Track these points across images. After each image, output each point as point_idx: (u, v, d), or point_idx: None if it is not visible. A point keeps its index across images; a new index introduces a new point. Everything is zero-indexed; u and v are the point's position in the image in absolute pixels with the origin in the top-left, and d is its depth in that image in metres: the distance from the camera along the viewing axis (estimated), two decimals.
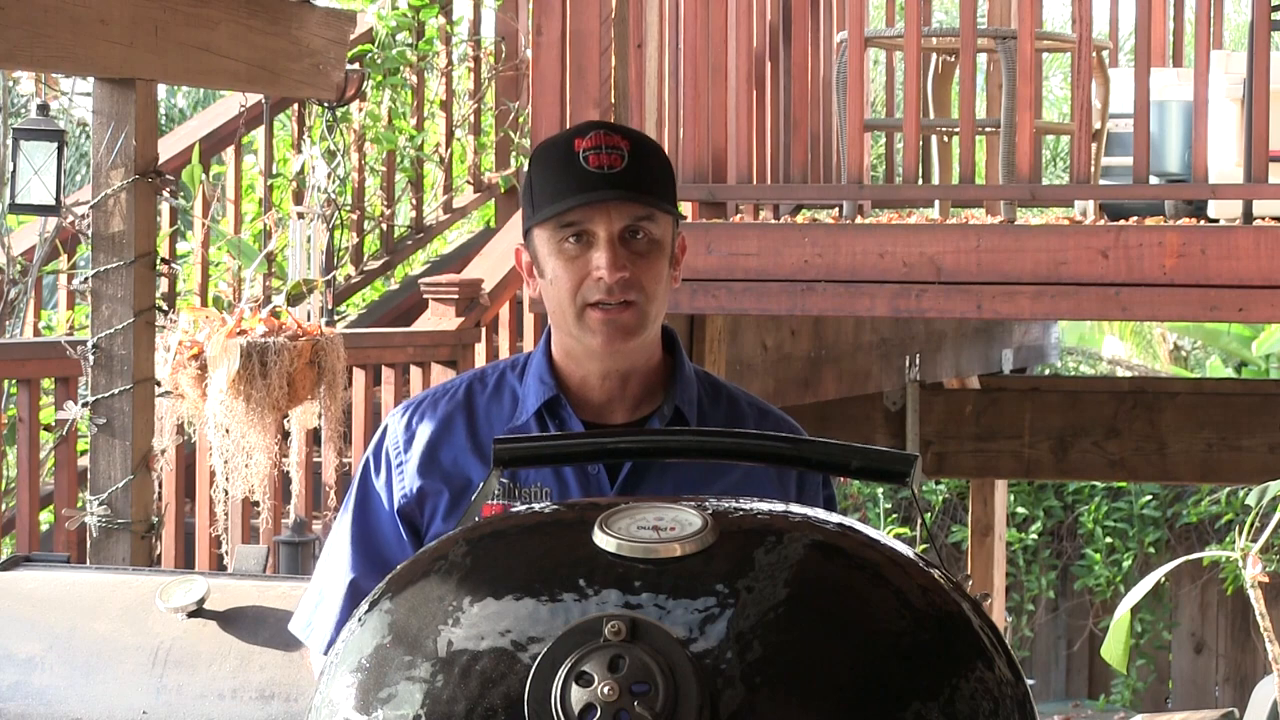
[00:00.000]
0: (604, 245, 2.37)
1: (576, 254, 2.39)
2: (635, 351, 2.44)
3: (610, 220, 2.37)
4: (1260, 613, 4.89)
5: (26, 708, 3.08)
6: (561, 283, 2.40)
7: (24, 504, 5.87)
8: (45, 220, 6.73)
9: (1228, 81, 5.98)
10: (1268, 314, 5.76)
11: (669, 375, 2.49)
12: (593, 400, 2.47)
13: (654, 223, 2.40)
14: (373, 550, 2.47)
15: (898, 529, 11.99)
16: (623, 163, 2.38)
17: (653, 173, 2.42)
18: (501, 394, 2.50)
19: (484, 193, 8.64)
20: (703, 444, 2.02)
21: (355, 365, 6.33)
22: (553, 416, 2.46)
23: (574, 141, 2.39)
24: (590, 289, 2.38)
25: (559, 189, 2.38)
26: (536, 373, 2.48)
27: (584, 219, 2.38)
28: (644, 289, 2.39)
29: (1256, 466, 7.95)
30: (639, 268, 2.38)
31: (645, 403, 2.48)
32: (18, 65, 6.19)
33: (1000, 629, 2.13)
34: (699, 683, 1.58)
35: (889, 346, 8.06)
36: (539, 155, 2.46)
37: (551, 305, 2.44)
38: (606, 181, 2.37)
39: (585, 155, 2.38)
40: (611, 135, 2.40)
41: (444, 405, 2.49)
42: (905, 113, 6.03)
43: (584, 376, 2.46)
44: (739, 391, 2.56)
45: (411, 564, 1.77)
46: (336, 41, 6.09)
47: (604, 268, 2.37)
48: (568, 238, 2.39)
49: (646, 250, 2.40)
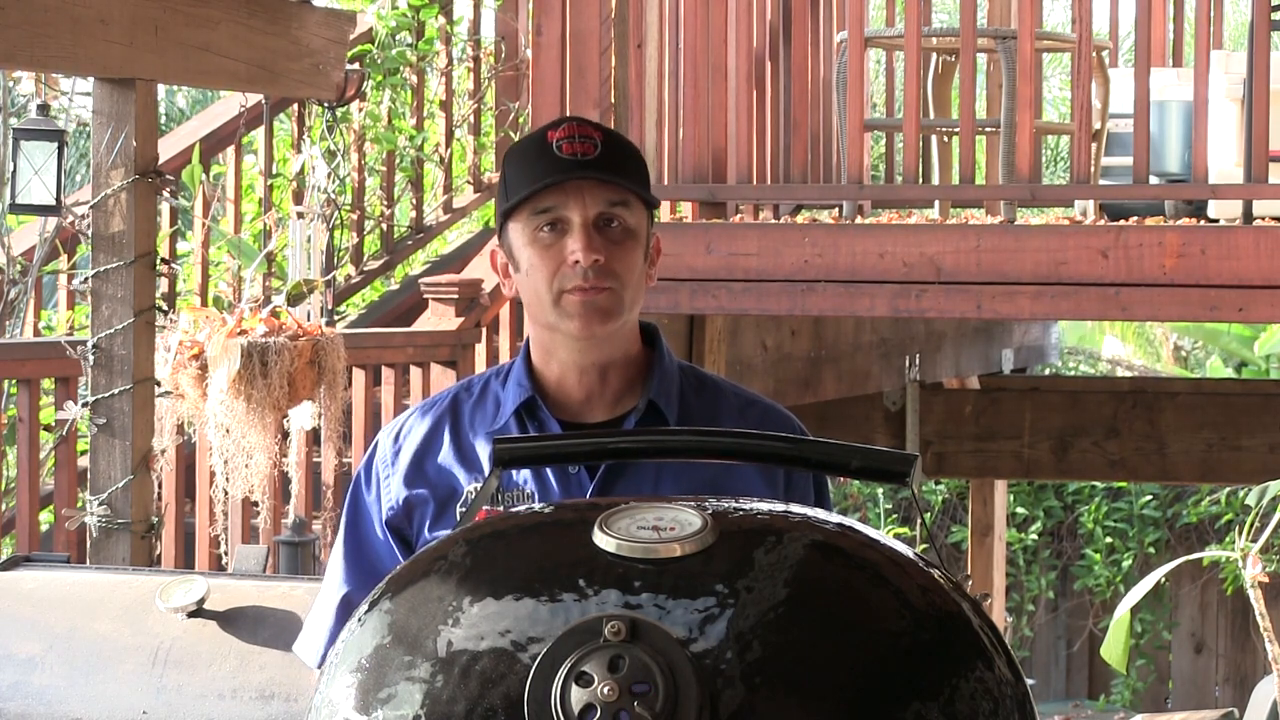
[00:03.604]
0: (578, 230, 2.37)
1: (551, 242, 2.39)
2: (612, 340, 2.43)
3: (584, 205, 2.38)
4: (1260, 613, 4.90)
5: (26, 708, 3.08)
6: (537, 271, 2.39)
7: (24, 504, 5.87)
8: (45, 220, 6.73)
9: (1228, 81, 5.98)
10: (1268, 314, 5.76)
11: (649, 370, 2.49)
12: (572, 399, 2.46)
13: (628, 210, 2.41)
14: (365, 564, 2.48)
15: (898, 529, 11.99)
16: (596, 150, 2.39)
17: (626, 161, 2.43)
18: (485, 400, 2.50)
19: (484, 193, 8.63)
20: (703, 443, 2.02)
21: (355, 365, 6.33)
22: (530, 418, 2.46)
23: (547, 134, 2.40)
24: (566, 275, 2.38)
25: (532, 177, 2.39)
26: (515, 376, 2.48)
27: (558, 204, 2.38)
28: (619, 276, 2.39)
29: (1256, 466, 7.95)
30: (613, 255, 2.38)
31: (625, 399, 2.47)
32: (18, 65, 6.19)
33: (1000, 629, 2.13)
34: (699, 683, 1.58)
35: (889, 346, 8.06)
36: (513, 151, 2.46)
37: (529, 297, 2.43)
38: (579, 166, 2.37)
39: (559, 144, 2.39)
40: (584, 126, 2.42)
41: (431, 416, 2.50)
42: (905, 113, 6.03)
43: (562, 373, 2.46)
44: (727, 384, 2.55)
45: (411, 564, 1.77)
46: (336, 41, 6.09)
47: (579, 250, 2.36)
48: (542, 226, 2.39)
49: (621, 239, 2.40)
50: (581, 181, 2.37)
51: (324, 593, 2.54)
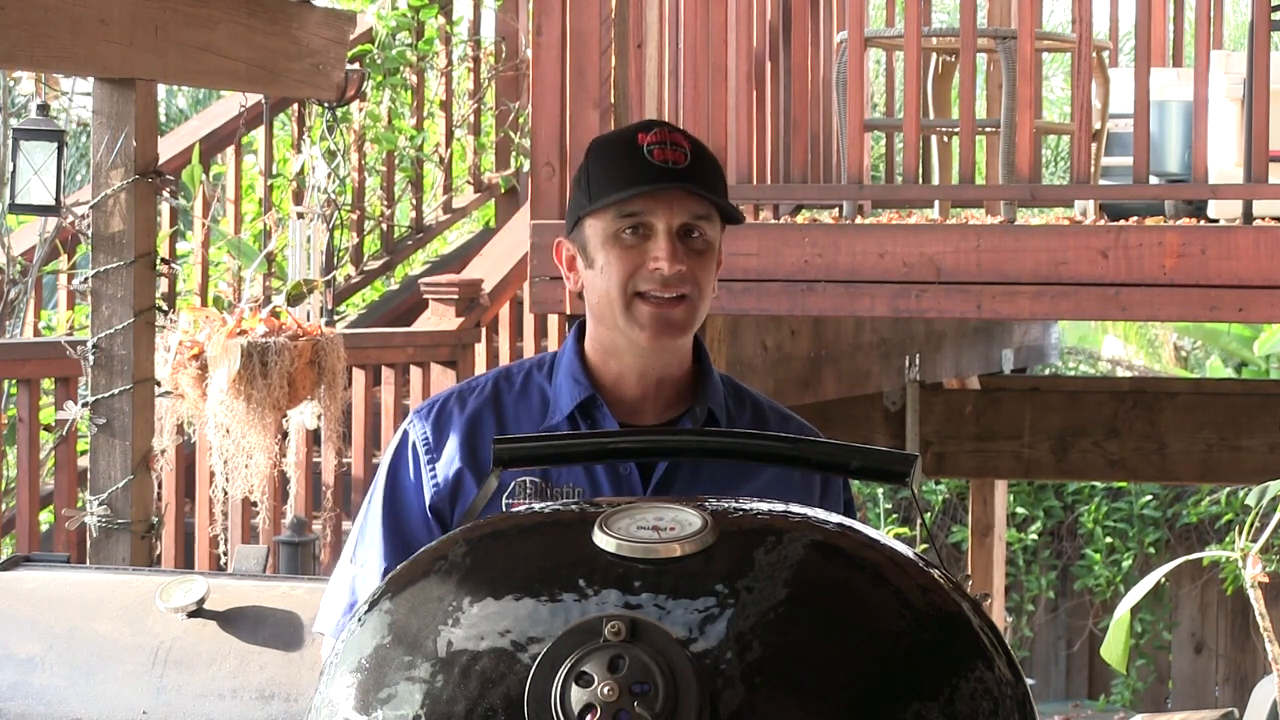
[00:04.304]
0: (663, 236, 2.38)
1: (633, 244, 2.39)
2: (676, 350, 2.45)
3: (671, 213, 2.39)
4: (1260, 613, 4.89)
5: (26, 708, 3.08)
6: (613, 271, 2.40)
7: (24, 504, 5.87)
8: (45, 220, 6.73)
9: (1228, 81, 5.98)
10: (1268, 314, 5.76)
11: (697, 379, 2.50)
12: (627, 399, 2.47)
13: (710, 224, 2.42)
14: (406, 543, 2.44)
15: (898, 529, 11.98)
16: (686, 160, 2.40)
17: (712, 173, 2.45)
18: (529, 394, 2.49)
19: (484, 193, 8.64)
20: (704, 444, 2.03)
21: (355, 365, 6.33)
22: (586, 417, 2.45)
23: (638, 135, 2.41)
24: (643, 278, 2.39)
25: (622, 179, 2.39)
26: (569, 372, 2.47)
27: (646, 209, 2.39)
28: (698, 284, 2.41)
29: (1256, 466, 7.95)
30: (694, 265, 2.40)
31: (674, 405, 2.48)
32: (18, 65, 6.19)
33: (1000, 629, 2.13)
34: (699, 683, 1.58)
35: (889, 346, 8.06)
36: (599, 147, 2.46)
37: (598, 296, 2.43)
38: (671, 175, 2.38)
39: (650, 149, 2.40)
40: (674, 134, 2.43)
41: (472, 402, 2.48)
42: (905, 113, 6.03)
43: (620, 374, 2.46)
44: (762, 397, 2.57)
45: (411, 564, 1.77)
46: (336, 41, 6.09)
47: (663, 259, 2.38)
48: (625, 228, 2.39)
49: (701, 250, 2.41)
50: (671, 190, 2.38)
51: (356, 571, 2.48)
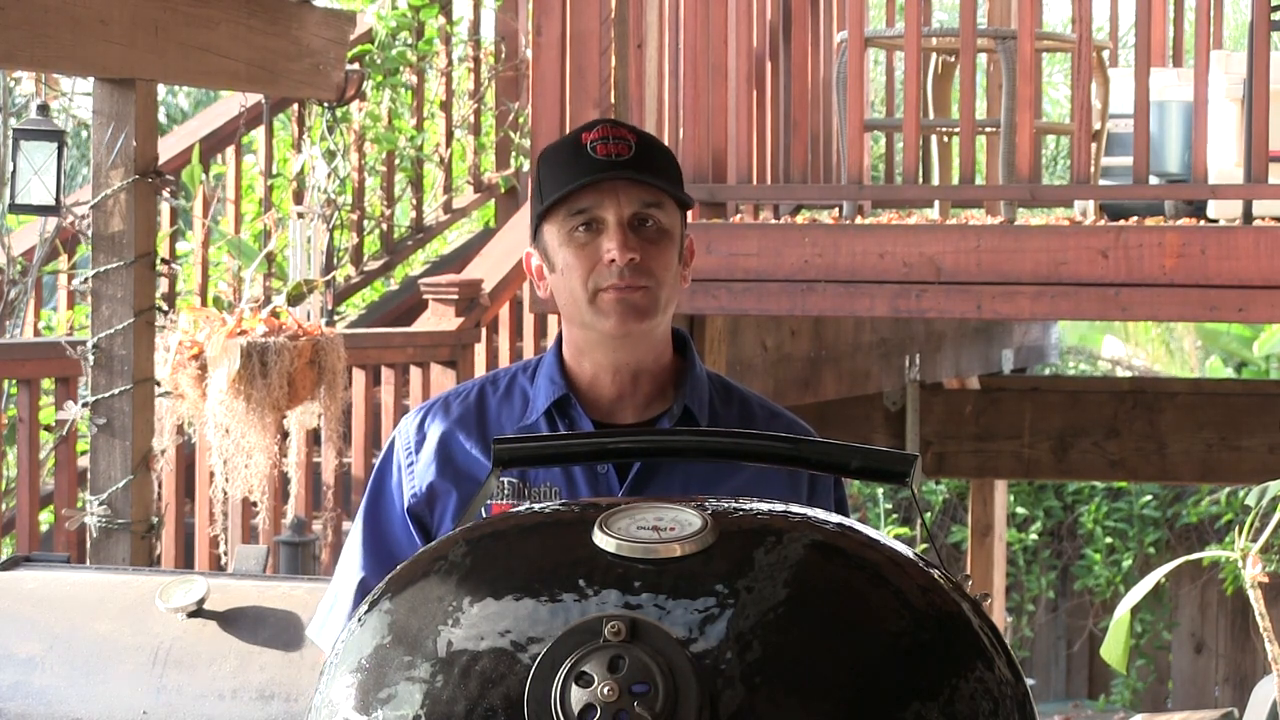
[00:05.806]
0: (614, 229, 2.39)
1: (586, 241, 2.40)
2: (646, 340, 2.45)
3: (620, 205, 2.39)
4: (1260, 613, 4.89)
5: (26, 708, 3.08)
6: (573, 270, 2.41)
7: (24, 504, 5.87)
8: (45, 220, 6.73)
9: (1228, 81, 5.98)
10: (1268, 314, 5.76)
11: (679, 376, 2.50)
12: (603, 399, 2.47)
13: (662, 211, 2.42)
14: (384, 551, 2.48)
15: (898, 529, 11.98)
16: (630, 151, 2.41)
17: (660, 161, 2.45)
18: (512, 395, 2.50)
19: (484, 193, 8.63)
20: (703, 444, 2.02)
21: (355, 365, 6.33)
22: (562, 416, 2.47)
23: (581, 135, 2.42)
24: (602, 274, 2.39)
25: (567, 178, 2.40)
26: (547, 373, 2.49)
27: (594, 204, 2.39)
28: (654, 275, 2.41)
29: (1256, 466, 7.94)
30: (649, 254, 2.40)
31: (655, 403, 2.48)
32: (18, 65, 6.19)
33: (1000, 629, 2.13)
34: (699, 683, 1.58)
35: (889, 346, 8.06)
36: (546, 153, 2.48)
37: (564, 297, 2.44)
38: (614, 167, 2.39)
39: (593, 145, 2.41)
40: (618, 128, 2.44)
41: (456, 407, 2.50)
42: (905, 113, 6.03)
43: (595, 373, 2.47)
44: (751, 394, 2.56)
45: (411, 564, 1.76)
46: (336, 41, 6.09)
47: (614, 249, 2.38)
48: (577, 226, 2.40)
49: (656, 238, 2.41)
50: (616, 181, 2.39)
51: (340, 577, 2.53)
